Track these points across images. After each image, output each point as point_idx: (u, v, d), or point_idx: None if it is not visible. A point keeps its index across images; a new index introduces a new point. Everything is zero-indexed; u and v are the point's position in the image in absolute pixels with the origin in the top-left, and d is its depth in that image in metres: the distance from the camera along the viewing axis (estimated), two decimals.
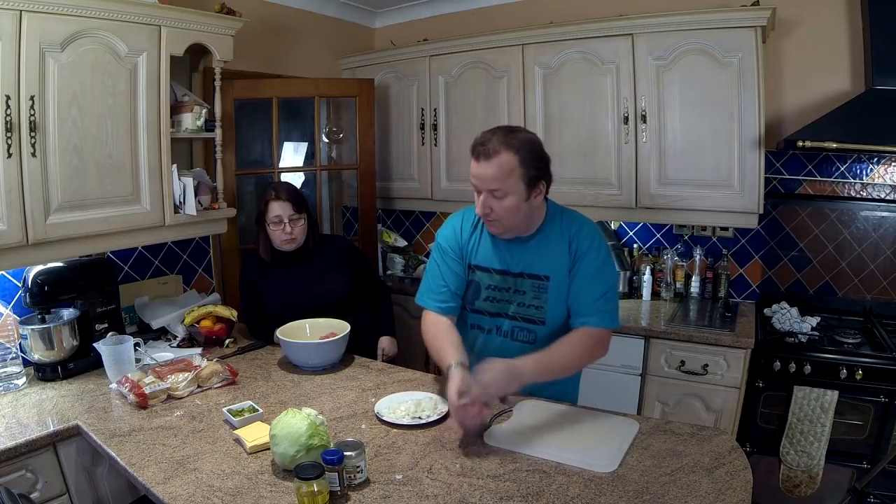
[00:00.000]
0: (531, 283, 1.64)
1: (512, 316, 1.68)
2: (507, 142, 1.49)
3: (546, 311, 1.64)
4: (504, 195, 1.51)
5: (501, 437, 1.52)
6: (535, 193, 1.55)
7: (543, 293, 1.63)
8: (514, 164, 1.49)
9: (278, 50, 3.13)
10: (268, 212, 2.18)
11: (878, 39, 2.36)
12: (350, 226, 3.74)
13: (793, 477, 2.28)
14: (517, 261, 1.65)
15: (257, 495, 1.29)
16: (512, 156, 1.49)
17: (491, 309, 1.71)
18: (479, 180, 1.52)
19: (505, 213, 1.54)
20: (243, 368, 2.06)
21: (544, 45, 2.84)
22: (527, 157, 1.51)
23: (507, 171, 1.49)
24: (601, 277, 1.60)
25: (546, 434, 1.53)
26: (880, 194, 2.64)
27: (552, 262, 1.62)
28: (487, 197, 1.52)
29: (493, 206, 1.53)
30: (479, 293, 1.71)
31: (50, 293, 1.98)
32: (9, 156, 1.77)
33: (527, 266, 1.64)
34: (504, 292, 1.68)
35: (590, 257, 1.60)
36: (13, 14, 1.74)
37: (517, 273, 1.65)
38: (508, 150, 1.49)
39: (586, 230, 1.63)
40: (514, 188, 1.51)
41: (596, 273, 1.60)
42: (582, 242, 1.61)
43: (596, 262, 1.60)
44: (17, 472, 1.58)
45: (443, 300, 1.71)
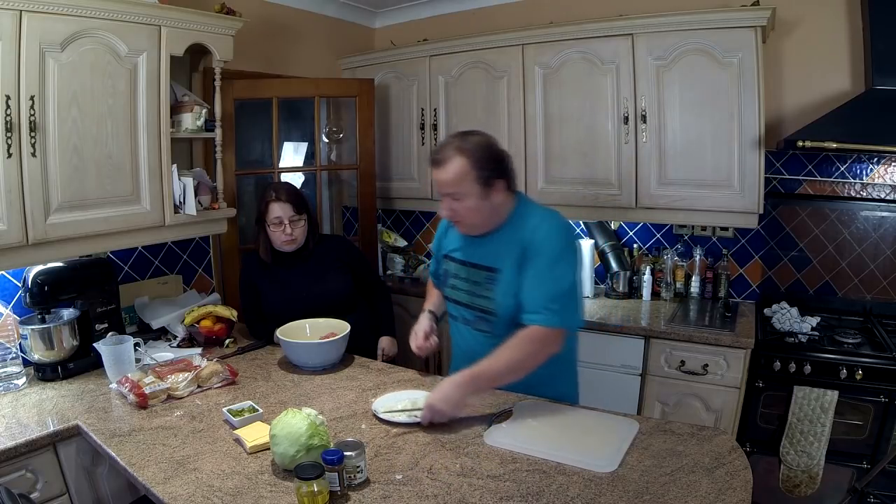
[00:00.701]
0: (485, 275, 1.72)
1: (469, 305, 1.78)
2: (460, 147, 1.61)
3: (496, 302, 1.69)
4: (462, 197, 1.62)
5: (501, 437, 1.52)
6: (493, 192, 1.63)
7: (493, 285, 1.69)
8: (466, 167, 1.59)
9: (278, 50, 3.13)
10: (268, 213, 2.18)
11: (878, 39, 2.36)
12: (350, 226, 3.74)
13: (793, 477, 2.28)
14: (475, 252, 1.75)
15: (257, 495, 1.29)
16: (463, 160, 1.59)
17: (454, 296, 1.83)
18: (438, 186, 1.66)
19: (467, 213, 1.65)
20: (243, 368, 2.06)
21: (544, 45, 2.84)
22: (479, 160, 1.60)
23: (461, 175, 1.59)
24: (553, 276, 1.61)
25: (546, 434, 1.53)
26: (880, 194, 2.64)
27: (504, 256, 1.68)
28: (448, 200, 1.65)
29: (455, 207, 1.65)
30: (447, 280, 1.85)
31: (50, 293, 1.98)
32: (9, 156, 1.77)
33: (482, 258, 1.73)
34: (463, 281, 1.79)
35: (542, 256, 1.62)
36: (13, 14, 1.74)
37: (473, 264, 1.76)
38: (460, 155, 1.60)
39: (543, 228, 1.65)
40: (469, 190, 1.61)
41: (547, 271, 1.61)
42: (535, 240, 1.64)
43: (547, 261, 1.62)
44: (17, 472, 1.58)
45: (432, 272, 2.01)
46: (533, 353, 1.60)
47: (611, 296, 3.02)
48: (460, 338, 1.86)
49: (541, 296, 1.60)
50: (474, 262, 1.75)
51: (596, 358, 2.66)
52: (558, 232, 1.66)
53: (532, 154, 2.95)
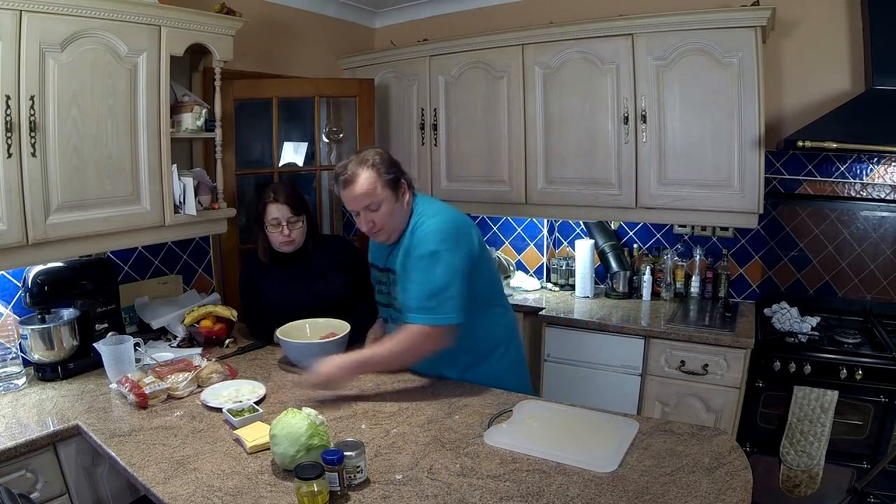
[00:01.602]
0: (388, 277, 1.86)
1: (387, 305, 1.91)
2: (362, 161, 1.73)
3: (398, 300, 1.81)
4: (378, 206, 1.72)
5: (501, 437, 1.52)
6: (401, 193, 1.76)
7: (394, 286, 1.82)
8: (374, 175, 1.71)
9: (278, 50, 3.13)
10: (266, 214, 2.18)
11: (878, 39, 2.36)
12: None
13: (793, 477, 2.28)
14: (383, 257, 1.88)
15: (257, 495, 1.29)
16: (369, 170, 1.71)
17: (378, 300, 1.98)
18: (354, 202, 1.73)
19: (384, 220, 1.75)
20: (243, 368, 2.06)
21: (544, 45, 2.84)
22: (381, 166, 1.73)
23: (372, 183, 1.71)
24: (426, 276, 1.69)
25: (546, 434, 1.54)
26: (880, 194, 2.64)
27: (397, 258, 1.79)
28: (366, 213, 1.74)
29: (374, 218, 1.74)
30: (374, 287, 2.00)
31: (50, 293, 1.98)
32: (9, 156, 1.77)
33: (386, 262, 1.86)
34: (381, 285, 1.93)
35: (418, 256, 1.72)
36: (13, 14, 1.74)
37: (381, 268, 1.90)
38: (365, 167, 1.72)
39: (421, 229, 1.74)
40: (382, 195, 1.72)
41: (421, 272, 1.70)
42: (413, 241, 1.75)
43: (422, 262, 1.70)
44: (17, 472, 1.58)
45: None
46: (414, 348, 1.72)
47: (611, 296, 3.02)
48: None
49: (416, 296, 1.71)
50: (381, 265, 1.90)
51: (596, 358, 2.66)
52: (436, 232, 1.72)
53: (532, 154, 2.95)
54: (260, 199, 2.25)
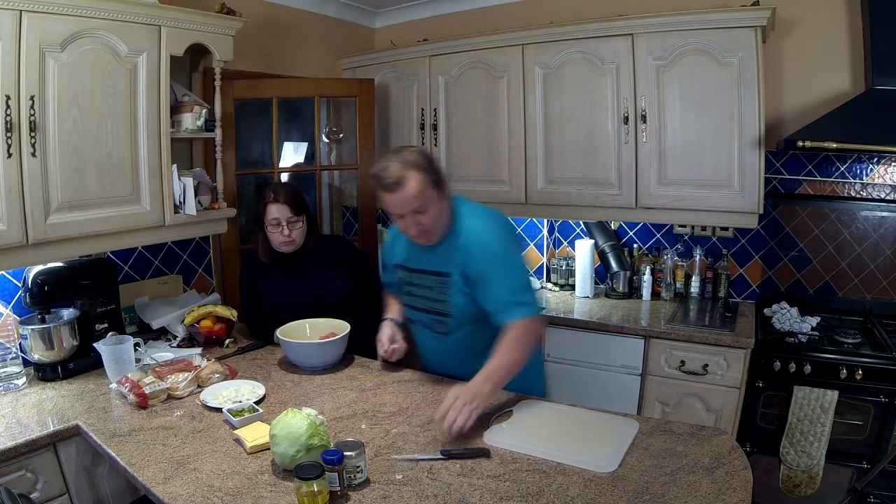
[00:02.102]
0: (436, 280, 1.79)
1: (426, 309, 1.85)
2: (406, 163, 1.65)
3: (450, 304, 1.77)
4: (426, 208, 1.67)
5: (501, 436, 1.52)
6: (444, 195, 1.73)
7: (447, 288, 1.77)
8: (421, 179, 1.65)
9: (278, 50, 3.13)
10: (266, 214, 2.18)
11: (878, 39, 2.36)
12: (350, 226, 3.74)
13: (793, 477, 2.28)
14: (425, 260, 1.81)
15: (257, 495, 1.29)
16: (416, 173, 1.64)
17: (410, 302, 1.90)
18: (401, 206, 1.67)
19: (432, 222, 1.70)
20: (243, 368, 2.06)
21: (544, 45, 2.84)
22: (427, 168, 1.68)
23: (421, 188, 1.65)
24: (509, 272, 1.69)
25: (546, 434, 1.54)
26: (880, 194, 2.64)
27: (450, 261, 1.75)
28: (413, 217, 1.68)
29: (422, 220, 1.69)
30: (402, 289, 1.93)
31: (50, 293, 1.98)
32: (9, 156, 1.77)
33: (432, 264, 1.80)
34: (418, 288, 1.86)
35: (490, 256, 1.69)
36: (13, 14, 1.74)
37: (426, 271, 1.82)
38: (412, 169, 1.64)
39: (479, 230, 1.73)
40: (430, 198, 1.67)
41: (502, 270, 1.69)
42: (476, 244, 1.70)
43: (498, 260, 1.69)
44: (17, 472, 1.59)
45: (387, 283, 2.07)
46: (525, 346, 1.67)
47: (611, 296, 3.02)
48: (424, 340, 1.95)
49: (507, 293, 1.68)
50: (426, 268, 1.82)
51: (596, 358, 2.66)
52: (497, 230, 1.74)
53: (532, 154, 2.95)
54: (260, 199, 2.25)
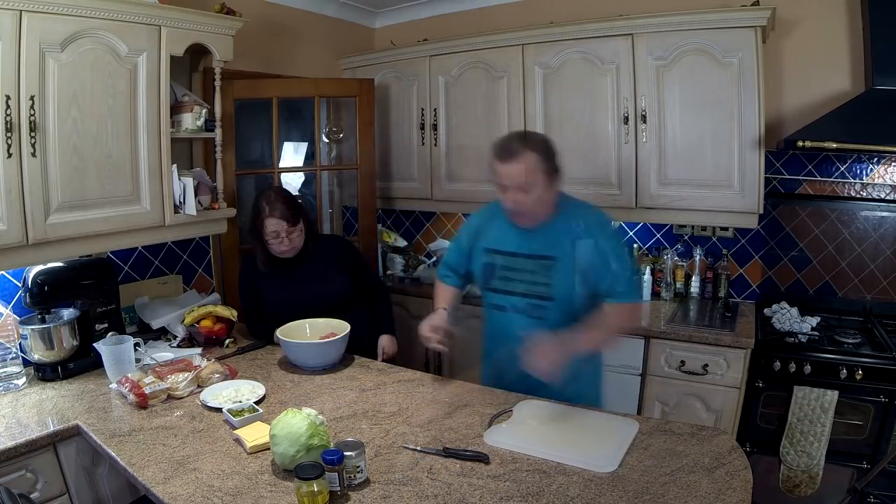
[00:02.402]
0: (541, 264, 1.79)
1: (523, 293, 1.82)
2: (527, 142, 1.73)
3: (555, 288, 1.77)
4: (530, 188, 1.70)
5: (501, 436, 1.53)
6: (553, 184, 1.75)
7: (551, 271, 1.77)
8: (536, 160, 1.69)
9: (278, 50, 3.13)
10: (264, 227, 2.15)
11: (878, 39, 2.36)
12: (350, 226, 3.74)
13: (793, 477, 2.28)
14: (530, 244, 1.81)
15: (257, 495, 1.29)
16: (533, 153, 1.69)
17: (505, 287, 1.86)
18: (508, 178, 1.71)
19: (531, 203, 1.72)
20: (243, 368, 2.06)
21: (544, 45, 2.84)
22: (545, 153, 1.72)
23: (532, 167, 1.69)
24: (622, 258, 1.76)
25: (546, 434, 1.54)
26: (880, 194, 2.64)
27: (559, 246, 1.77)
28: (516, 192, 1.71)
29: (521, 199, 1.72)
30: (494, 273, 1.88)
31: (50, 293, 1.98)
32: (9, 156, 1.77)
33: (537, 249, 1.80)
34: (516, 272, 1.83)
35: (607, 242, 1.75)
36: (13, 14, 1.74)
37: (528, 255, 1.81)
38: (529, 150, 1.70)
39: (594, 217, 1.80)
40: (537, 181, 1.70)
41: (617, 256, 1.75)
42: (592, 229, 1.76)
43: (612, 246, 1.76)
44: (17, 472, 1.58)
45: (446, 273, 2.05)
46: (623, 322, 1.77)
47: None
48: (507, 327, 1.86)
49: (626, 276, 1.76)
50: (528, 252, 1.81)
51: None
52: (607, 222, 1.84)
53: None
54: (255, 211, 2.19)
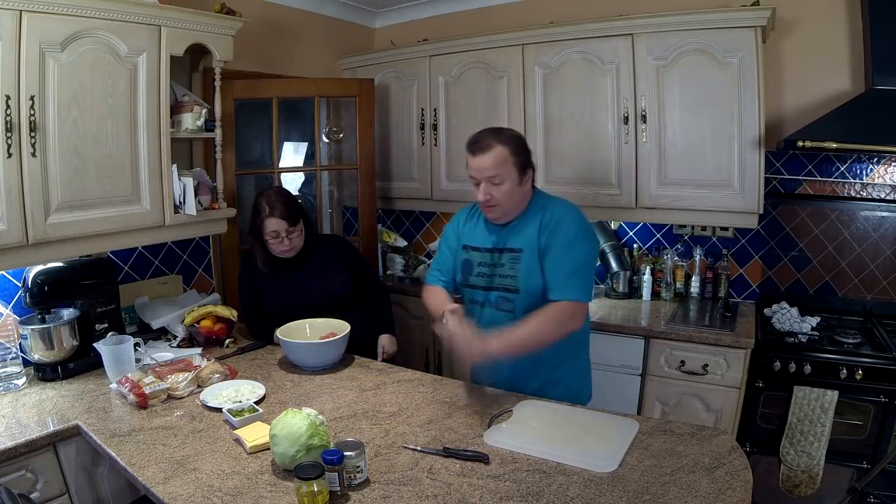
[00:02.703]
0: (508, 256, 1.83)
1: (495, 287, 1.86)
2: (498, 136, 1.76)
3: (520, 280, 1.80)
4: (501, 181, 1.74)
5: (501, 436, 1.53)
6: (525, 179, 1.79)
7: (517, 263, 1.80)
8: (506, 153, 1.74)
9: (278, 50, 3.13)
10: (264, 228, 2.15)
11: (878, 39, 2.36)
12: (350, 226, 3.74)
13: (793, 477, 2.28)
14: (500, 239, 1.85)
15: (257, 495, 1.29)
16: (503, 147, 1.74)
17: (482, 283, 1.89)
18: (479, 171, 1.75)
19: (503, 197, 1.76)
20: (243, 368, 2.06)
21: (544, 45, 2.84)
22: (515, 147, 1.76)
23: (502, 159, 1.73)
24: (571, 253, 1.75)
25: (546, 434, 1.54)
26: (880, 194, 2.64)
27: (525, 237, 1.80)
28: (487, 185, 1.75)
29: (493, 192, 1.75)
30: (473, 269, 1.91)
31: (50, 293, 1.98)
32: (9, 156, 1.77)
33: (506, 242, 1.84)
34: (490, 267, 1.87)
35: (560, 234, 1.75)
36: (13, 14, 1.74)
37: (500, 249, 1.85)
38: (500, 143, 1.74)
39: (558, 210, 1.81)
40: (508, 174, 1.74)
41: (566, 249, 1.74)
42: (552, 220, 1.77)
43: (566, 239, 1.75)
44: (17, 472, 1.58)
45: (438, 277, 2.02)
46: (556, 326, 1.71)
47: (611, 296, 3.02)
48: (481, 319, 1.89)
49: (563, 272, 1.74)
50: (501, 247, 1.85)
51: (596, 358, 2.62)
52: (575, 215, 1.81)
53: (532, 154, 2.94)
54: (255, 211, 2.19)
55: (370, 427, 1.61)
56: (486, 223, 1.89)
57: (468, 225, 1.96)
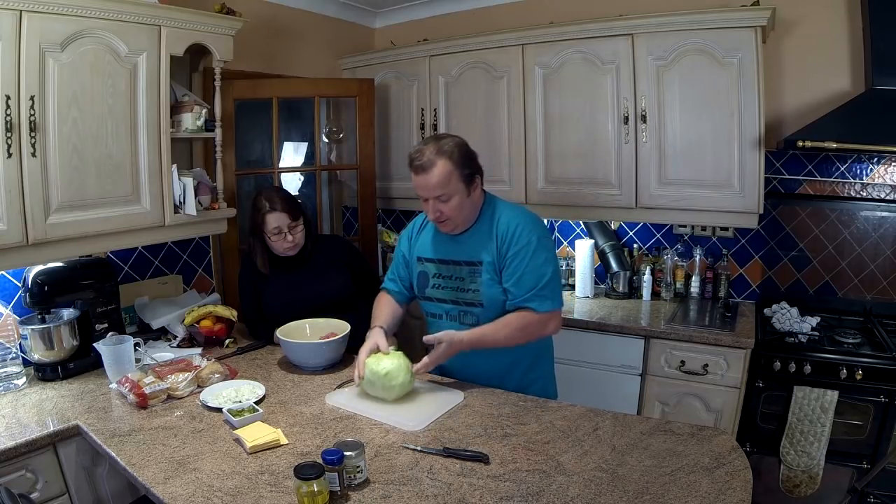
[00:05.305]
0: (468, 270, 1.80)
1: (455, 301, 1.84)
2: (440, 150, 1.68)
3: (482, 293, 1.78)
4: (449, 197, 1.70)
5: (341, 398, 1.76)
6: (473, 188, 1.75)
7: (478, 277, 1.78)
8: (450, 168, 1.68)
9: (278, 50, 3.13)
10: (265, 224, 2.15)
11: (878, 39, 2.36)
12: (350, 226, 3.74)
13: (793, 477, 2.28)
14: (456, 250, 1.83)
15: (257, 495, 1.29)
16: (446, 161, 1.68)
17: (438, 295, 1.88)
18: (424, 190, 1.71)
19: (453, 212, 1.73)
20: (243, 368, 2.06)
21: (544, 45, 2.84)
22: (459, 160, 1.70)
23: (447, 176, 1.68)
24: (534, 263, 1.72)
25: (380, 400, 1.72)
26: (880, 194, 2.64)
27: (482, 248, 1.78)
28: (435, 203, 1.72)
29: (442, 209, 1.72)
30: (428, 281, 1.90)
31: (50, 293, 1.98)
32: (9, 156, 1.77)
33: (462, 254, 1.81)
34: (447, 280, 1.85)
35: (518, 244, 1.73)
36: (13, 14, 1.74)
37: (455, 261, 1.83)
38: (442, 158, 1.68)
39: (515, 222, 1.76)
40: (455, 189, 1.70)
41: (528, 260, 1.72)
42: (509, 234, 1.74)
43: (527, 249, 1.72)
44: (17, 472, 1.58)
45: (391, 284, 2.03)
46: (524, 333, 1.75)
47: (611, 296, 3.02)
48: None
49: (531, 282, 1.72)
50: (455, 259, 1.83)
51: (596, 358, 2.66)
52: (531, 224, 1.77)
53: (532, 154, 2.95)
54: (255, 209, 2.19)
55: (370, 427, 1.61)
56: (437, 233, 1.86)
57: (420, 235, 1.93)
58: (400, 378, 1.68)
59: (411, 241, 1.97)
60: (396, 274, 2.02)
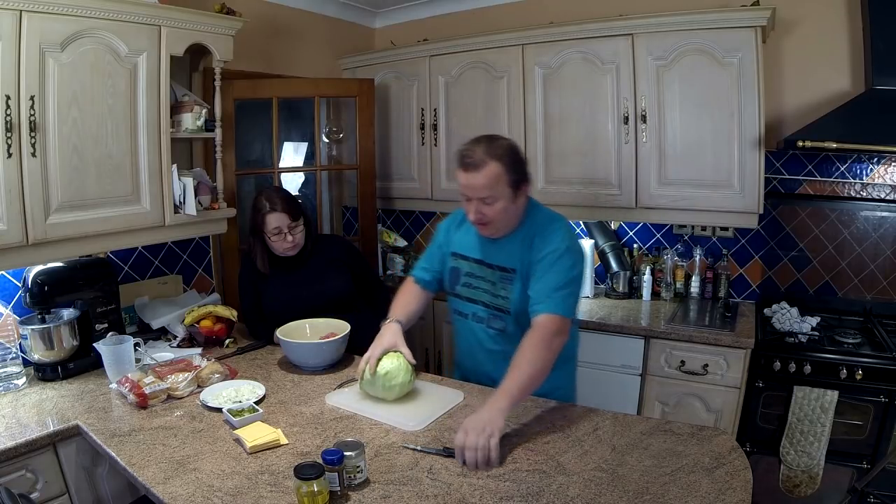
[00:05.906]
0: (500, 275, 1.76)
1: (486, 304, 1.80)
2: (492, 151, 1.62)
3: (511, 301, 1.73)
4: (494, 201, 1.64)
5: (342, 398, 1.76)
6: (519, 195, 1.69)
7: (509, 284, 1.74)
8: (500, 171, 1.62)
9: (278, 50, 3.13)
10: (265, 225, 2.15)
11: (878, 39, 2.36)
12: (350, 226, 3.74)
13: (793, 477, 2.28)
14: (493, 254, 1.78)
15: (257, 495, 1.29)
16: (497, 164, 1.61)
17: (468, 294, 1.84)
18: (470, 189, 1.64)
19: (496, 216, 1.67)
20: (243, 368, 2.06)
21: (544, 45, 2.84)
22: (510, 164, 1.64)
23: (495, 179, 1.62)
24: (557, 269, 1.65)
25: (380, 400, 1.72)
26: (880, 194, 2.64)
27: (517, 256, 1.72)
28: (479, 204, 1.65)
29: (485, 211, 1.66)
30: (459, 279, 1.86)
31: (50, 293, 1.98)
32: (9, 156, 1.77)
33: (499, 259, 1.77)
34: (479, 280, 1.81)
35: (548, 250, 1.67)
36: (13, 14, 1.74)
37: (491, 265, 1.78)
38: (494, 160, 1.61)
39: (548, 226, 1.72)
40: (502, 193, 1.64)
41: (553, 264, 1.66)
42: (539, 236, 1.70)
43: (554, 254, 1.66)
44: (17, 472, 1.59)
45: (421, 272, 1.98)
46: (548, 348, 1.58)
47: (611, 296, 3.02)
48: (469, 335, 1.87)
49: (548, 287, 1.65)
50: (492, 262, 1.78)
51: (596, 358, 2.66)
52: (565, 232, 1.73)
53: (532, 154, 2.95)
54: (255, 209, 2.19)
55: (370, 427, 1.61)
56: (476, 232, 1.80)
57: (459, 231, 1.89)
58: (400, 378, 1.68)
59: (449, 234, 1.92)
60: (430, 263, 1.97)
